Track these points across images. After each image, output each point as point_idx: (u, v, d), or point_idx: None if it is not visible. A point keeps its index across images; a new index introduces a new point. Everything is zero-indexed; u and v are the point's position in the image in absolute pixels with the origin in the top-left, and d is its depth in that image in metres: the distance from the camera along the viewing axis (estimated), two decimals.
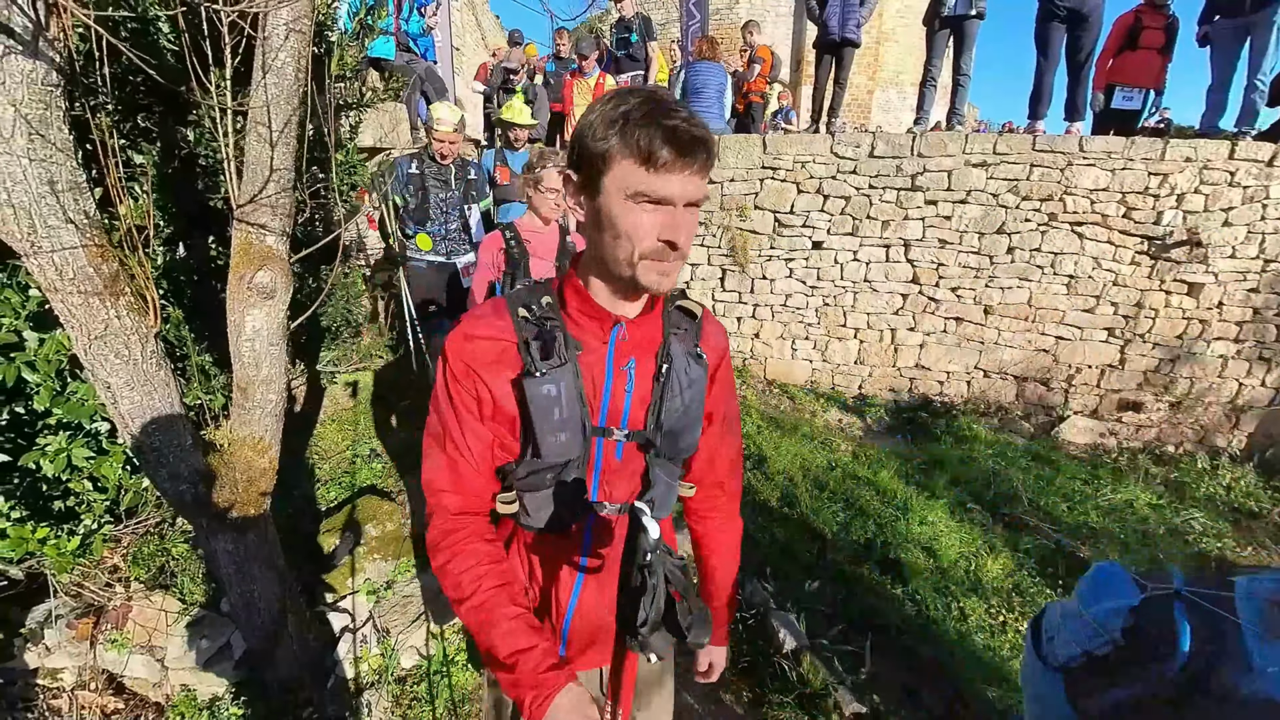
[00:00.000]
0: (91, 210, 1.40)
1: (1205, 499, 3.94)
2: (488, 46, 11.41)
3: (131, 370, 1.50)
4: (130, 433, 1.56)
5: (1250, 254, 4.26)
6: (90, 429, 2.24)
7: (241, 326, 1.71)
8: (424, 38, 5.33)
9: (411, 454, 3.33)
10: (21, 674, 2.23)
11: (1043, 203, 4.38)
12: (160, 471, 1.64)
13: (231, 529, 1.80)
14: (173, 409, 1.61)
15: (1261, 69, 4.20)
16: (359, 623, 2.41)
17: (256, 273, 1.68)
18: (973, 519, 3.48)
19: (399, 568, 2.60)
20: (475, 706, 2.19)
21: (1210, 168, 4.13)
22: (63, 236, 1.34)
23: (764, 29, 19.83)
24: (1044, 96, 4.70)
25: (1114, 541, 3.35)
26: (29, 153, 1.26)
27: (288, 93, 1.63)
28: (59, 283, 1.36)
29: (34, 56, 1.25)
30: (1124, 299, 4.48)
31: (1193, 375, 4.53)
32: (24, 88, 1.24)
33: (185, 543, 2.53)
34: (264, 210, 1.68)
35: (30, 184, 1.28)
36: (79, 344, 1.45)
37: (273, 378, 1.78)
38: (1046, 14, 4.49)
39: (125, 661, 2.20)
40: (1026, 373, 4.76)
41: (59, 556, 2.07)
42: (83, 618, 2.27)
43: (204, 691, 2.21)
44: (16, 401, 2.13)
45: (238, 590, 1.92)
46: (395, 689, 2.24)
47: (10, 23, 1.21)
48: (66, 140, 1.33)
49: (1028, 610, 2.81)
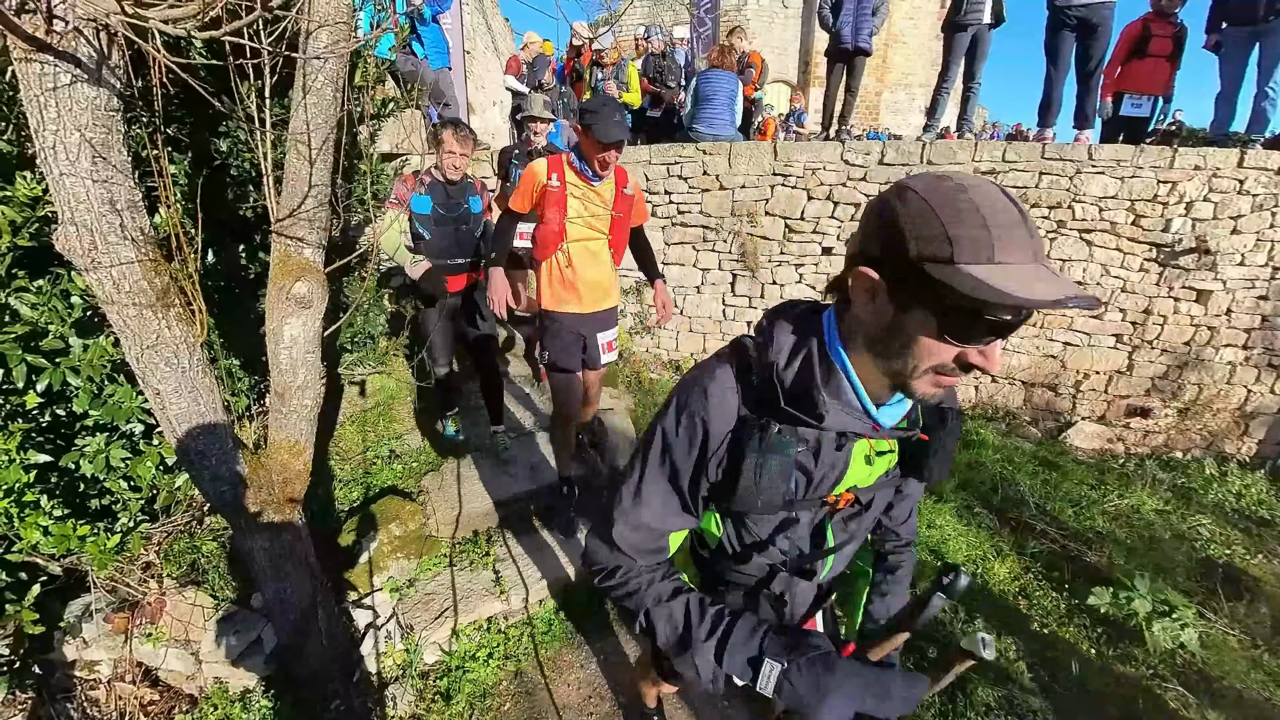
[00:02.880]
0: (147, 227, 1.48)
1: (1213, 505, 3.97)
2: (498, 50, 11.50)
3: (180, 377, 1.58)
4: (177, 436, 1.64)
5: (1259, 261, 4.28)
6: (126, 430, 2.33)
7: (280, 335, 1.79)
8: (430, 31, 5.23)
9: (429, 455, 3.41)
10: (61, 666, 2.32)
11: (1051, 210, 4.41)
12: (203, 473, 1.72)
13: (267, 528, 1.88)
14: (217, 414, 1.69)
15: (1273, 77, 4.23)
16: (383, 619, 2.49)
17: (294, 284, 1.76)
18: (980, 523, 3.52)
19: (421, 566, 2.67)
20: (495, 701, 2.27)
21: (1219, 176, 4.15)
22: (121, 252, 1.42)
23: (772, 31, 19.86)
24: (1053, 105, 4.75)
25: (1120, 546, 3.39)
26: (92, 174, 1.34)
27: (326, 113, 1.71)
28: (116, 295, 1.44)
29: (98, 84, 1.33)
30: (1132, 306, 4.51)
31: (1201, 382, 4.55)
32: (89, 114, 1.32)
33: (215, 541, 2.62)
34: (302, 224, 1.76)
35: (93, 203, 1.36)
36: (131, 353, 1.54)
37: (308, 383, 1.86)
38: (1056, 23, 4.53)
39: (161, 655, 2.28)
40: (1034, 378, 4.80)
41: (99, 553, 2.15)
42: (119, 612, 2.36)
43: (236, 684, 2.29)
44: (58, 404, 2.22)
45: (272, 587, 2.00)
46: (418, 684, 2.32)
47: (77, 53, 1.29)
48: (125, 161, 1.41)
49: (1034, 613, 2.86)
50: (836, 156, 4.55)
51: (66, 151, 1.31)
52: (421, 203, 2.82)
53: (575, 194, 2.29)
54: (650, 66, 5.96)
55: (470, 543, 2.83)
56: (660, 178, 4.80)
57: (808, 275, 4.84)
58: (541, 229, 2.35)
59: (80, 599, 2.38)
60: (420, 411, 3.76)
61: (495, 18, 12.28)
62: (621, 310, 4.94)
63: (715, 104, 4.83)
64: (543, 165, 2.29)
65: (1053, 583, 3.06)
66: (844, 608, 1.31)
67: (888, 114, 19.73)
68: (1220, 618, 2.88)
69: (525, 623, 2.53)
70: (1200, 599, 2.99)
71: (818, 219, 4.68)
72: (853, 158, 4.54)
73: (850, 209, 4.62)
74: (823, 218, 4.67)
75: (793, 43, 19.59)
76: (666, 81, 5.89)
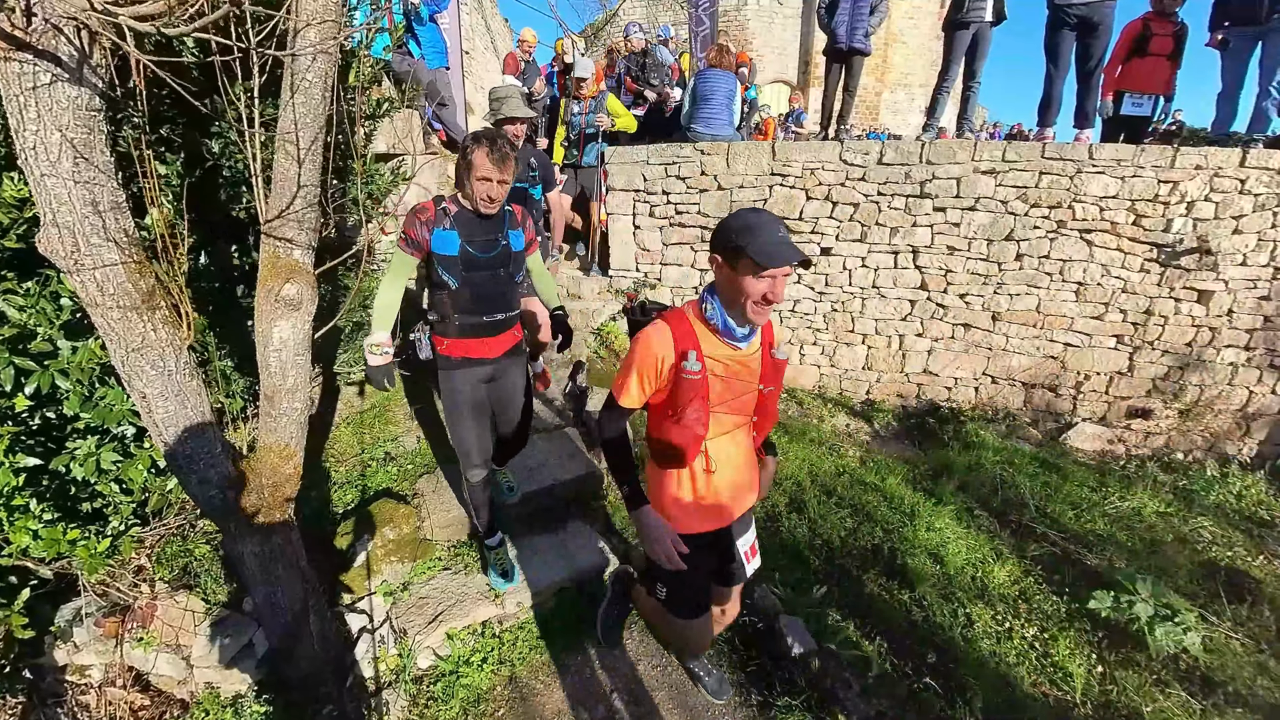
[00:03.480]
0: (130, 228, 1.46)
1: (1214, 507, 3.94)
2: (497, 51, 11.48)
3: (166, 381, 1.56)
4: (164, 440, 1.62)
5: (1261, 261, 4.25)
6: (117, 433, 2.31)
7: (269, 337, 1.77)
8: (427, 31, 5.19)
9: (425, 458, 3.39)
10: (51, 670, 2.30)
11: (1052, 210, 4.39)
12: (191, 477, 1.70)
13: (258, 532, 1.86)
14: (204, 417, 1.66)
15: (1275, 76, 4.20)
16: (376, 623, 2.47)
17: (283, 285, 1.74)
18: (980, 525, 3.50)
19: (415, 570, 2.65)
20: (490, 707, 2.25)
21: (1221, 175, 4.13)
22: (104, 254, 1.40)
23: (771, 30, 19.82)
24: (1053, 104, 4.72)
25: (1121, 549, 3.36)
26: (74, 175, 1.32)
27: (315, 112, 1.69)
28: (99, 298, 1.42)
29: (78, 84, 1.31)
30: (1133, 306, 4.49)
31: (1202, 382, 4.52)
32: (70, 114, 1.30)
33: (207, 544, 2.60)
34: (291, 225, 1.74)
35: (75, 205, 1.34)
36: (117, 356, 1.51)
37: (298, 386, 1.84)
38: (1056, 21, 4.51)
39: (152, 659, 2.26)
40: (1035, 379, 4.77)
41: (90, 557, 2.14)
42: (110, 616, 2.34)
43: (228, 689, 2.27)
44: (48, 407, 2.20)
45: (262, 591, 1.98)
46: (412, 689, 2.30)
47: (57, 51, 1.27)
48: (108, 162, 1.39)
49: (1034, 617, 2.83)
50: (835, 156, 4.53)
51: (47, 152, 1.29)
52: (445, 241, 2.05)
53: (717, 371, 1.54)
54: (632, 65, 5.89)
55: (465, 546, 2.81)
56: (658, 178, 4.77)
57: (806, 275, 4.82)
58: (676, 430, 1.56)
59: (71, 603, 2.36)
60: (417, 413, 3.74)
61: (495, 18, 12.27)
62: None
63: (713, 104, 4.80)
64: (665, 335, 1.50)
65: (1053, 586, 3.04)
66: None
67: (888, 114, 19.70)
68: (1223, 621, 2.85)
69: (520, 627, 2.51)
70: (1202, 602, 2.96)
71: (816, 219, 4.66)
72: (851, 157, 4.51)
73: (849, 209, 4.60)
74: (821, 218, 4.65)
75: (792, 42, 19.55)
76: (649, 79, 5.82)
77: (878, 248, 4.66)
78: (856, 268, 4.73)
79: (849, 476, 3.86)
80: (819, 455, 4.06)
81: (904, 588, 2.91)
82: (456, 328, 2.17)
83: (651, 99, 5.81)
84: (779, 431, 4.28)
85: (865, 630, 2.59)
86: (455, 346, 2.20)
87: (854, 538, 3.24)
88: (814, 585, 2.81)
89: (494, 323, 2.22)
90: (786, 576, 2.85)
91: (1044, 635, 2.71)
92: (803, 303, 4.89)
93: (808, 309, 4.90)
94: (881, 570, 3.02)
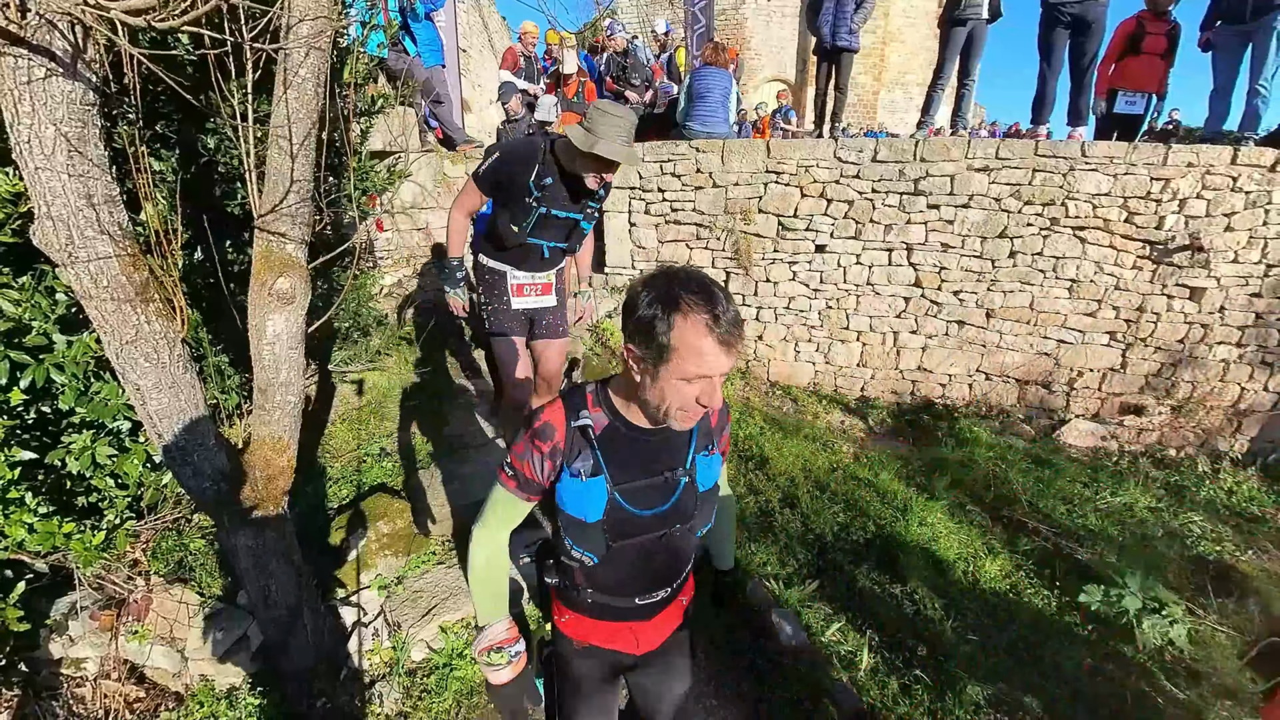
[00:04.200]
0: (124, 221, 1.47)
1: (1206, 502, 3.97)
2: (495, 49, 11.48)
3: (160, 373, 1.58)
4: (158, 432, 1.64)
5: (1252, 259, 4.28)
6: (112, 427, 2.32)
7: (262, 331, 1.78)
8: (424, 29, 5.20)
9: (420, 453, 3.40)
10: (47, 663, 2.32)
11: (1045, 207, 4.41)
12: (185, 470, 1.72)
13: (251, 525, 1.87)
14: (198, 410, 1.68)
15: (1263, 75, 4.23)
16: (370, 617, 2.49)
17: (277, 280, 1.75)
18: (972, 520, 3.52)
19: (409, 563, 2.67)
20: (482, 699, 2.26)
21: (1212, 173, 4.15)
22: (98, 247, 1.41)
23: (769, 29, 19.79)
24: (1047, 102, 4.75)
25: (1112, 543, 3.38)
26: (68, 169, 1.33)
27: (308, 107, 1.70)
28: (93, 290, 1.44)
29: (73, 78, 1.32)
30: (1126, 303, 4.51)
31: (1194, 379, 4.55)
32: (64, 107, 1.31)
33: (202, 538, 2.62)
34: (284, 219, 1.76)
35: (69, 198, 1.35)
36: (110, 349, 1.53)
37: (292, 380, 1.85)
38: (1050, 20, 4.53)
39: (147, 652, 2.28)
40: (1028, 376, 4.79)
41: (85, 550, 2.15)
42: (105, 609, 2.36)
43: (222, 682, 2.29)
44: (43, 401, 2.21)
45: (256, 584, 2.00)
46: (405, 681, 2.31)
47: (52, 46, 1.28)
48: (102, 156, 1.41)
49: (1024, 610, 2.86)
50: (830, 154, 4.55)
51: (42, 145, 1.31)
52: (584, 496, 1.26)
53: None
54: (613, 65, 5.87)
55: (459, 539, 2.83)
56: (654, 175, 4.79)
57: (801, 273, 4.84)
58: None
59: (66, 596, 2.37)
60: (413, 409, 3.75)
61: (492, 16, 12.26)
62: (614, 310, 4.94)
63: (709, 101, 4.82)
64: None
65: (1044, 580, 3.06)
66: None
67: (885, 113, 19.71)
68: (1209, 614, 2.88)
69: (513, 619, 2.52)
70: (1189, 596, 2.99)
71: (811, 216, 4.68)
72: (846, 155, 4.53)
73: (844, 206, 4.62)
74: (816, 215, 4.67)
75: (790, 40, 19.54)
76: (630, 80, 5.80)
77: (872, 245, 4.68)
78: (851, 265, 4.75)
79: (842, 472, 3.88)
80: (813, 451, 4.09)
81: (896, 582, 2.93)
82: (589, 605, 1.30)
83: (633, 99, 5.79)
84: (774, 429, 4.31)
85: (857, 624, 2.61)
86: (581, 627, 1.33)
87: (846, 532, 3.26)
88: (806, 579, 2.83)
89: (650, 605, 1.31)
90: (779, 571, 2.88)
91: (1034, 628, 2.74)
92: (798, 300, 4.91)
93: (803, 306, 4.92)
94: (874, 565, 3.04)
